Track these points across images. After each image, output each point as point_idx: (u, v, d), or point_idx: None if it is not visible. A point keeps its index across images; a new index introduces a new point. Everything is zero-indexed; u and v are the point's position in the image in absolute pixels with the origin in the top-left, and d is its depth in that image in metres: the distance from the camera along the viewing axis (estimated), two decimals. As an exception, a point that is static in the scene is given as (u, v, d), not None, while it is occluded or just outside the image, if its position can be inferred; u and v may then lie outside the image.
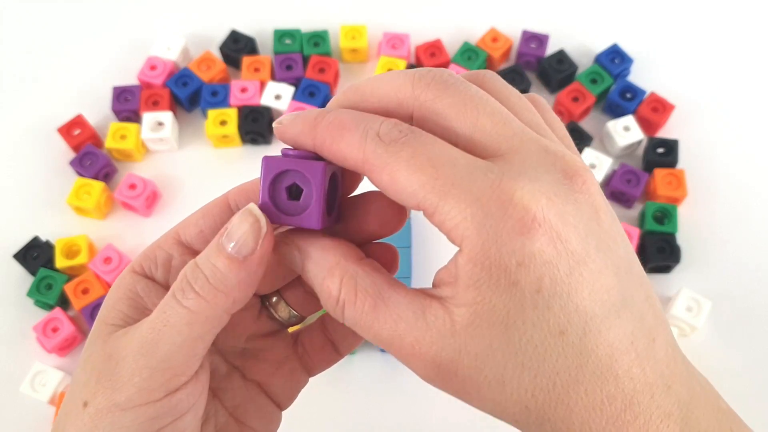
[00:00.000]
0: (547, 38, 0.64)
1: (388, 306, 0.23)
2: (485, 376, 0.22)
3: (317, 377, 0.52)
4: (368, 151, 0.22)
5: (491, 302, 0.22)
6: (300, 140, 0.24)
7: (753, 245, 0.56)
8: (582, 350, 0.22)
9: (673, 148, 0.58)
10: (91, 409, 0.23)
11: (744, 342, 0.53)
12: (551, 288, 0.21)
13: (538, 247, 0.21)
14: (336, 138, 0.23)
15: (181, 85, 0.62)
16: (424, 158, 0.22)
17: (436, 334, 0.22)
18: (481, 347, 0.22)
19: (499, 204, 0.21)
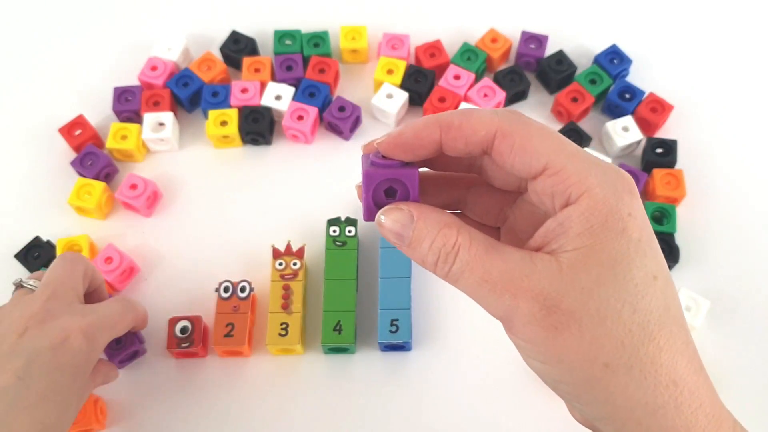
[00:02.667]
0: (546, 39, 0.64)
1: (499, 251, 0.26)
2: (588, 308, 0.25)
3: (317, 378, 0.53)
4: (504, 120, 0.27)
5: (603, 244, 0.25)
6: (423, 133, 0.28)
7: (751, 245, 0.57)
8: (667, 297, 0.26)
9: (671, 149, 0.59)
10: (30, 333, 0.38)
11: (742, 341, 0.53)
12: (648, 240, 0.26)
13: (637, 207, 0.26)
14: (465, 118, 0.27)
15: (181, 85, 0.62)
16: (550, 130, 0.27)
17: (544, 272, 0.25)
18: (588, 282, 0.25)
19: (614, 171, 0.27)
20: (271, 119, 0.61)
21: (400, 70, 0.62)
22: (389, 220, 0.28)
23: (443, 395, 0.51)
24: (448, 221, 0.27)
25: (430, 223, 0.27)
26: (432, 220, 0.27)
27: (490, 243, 0.27)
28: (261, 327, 0.54)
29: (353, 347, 0.52)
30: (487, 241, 0.27)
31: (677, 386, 0.25)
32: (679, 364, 0.25)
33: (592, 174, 0.26)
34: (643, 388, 0.25)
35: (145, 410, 0.51)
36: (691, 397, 0.25)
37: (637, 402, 0.25)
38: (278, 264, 0.54)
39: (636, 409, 0.25)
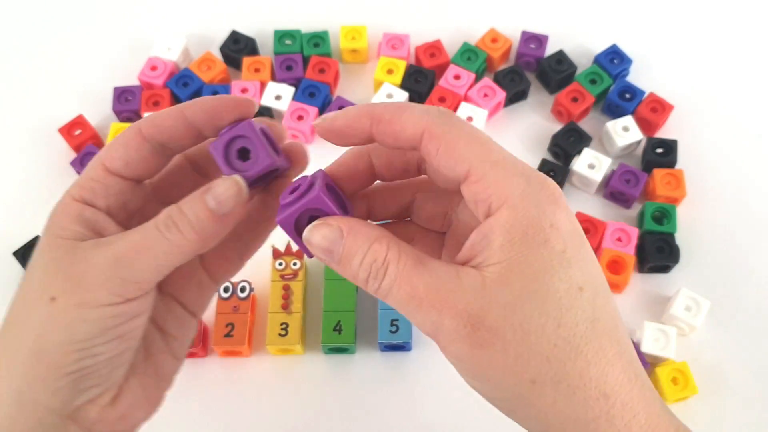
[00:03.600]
0: (546, 39, 0.64)
1: (427, 266, 0.26)
2: (511, 324, 0.24)
3: (317, 378, 0.53)
4: (432, 120, 0.26)
5: (524, 256, 0.25)
6: (355, 123, 0.28)
7: (752, 245, 0.57)
8: (595, 308, 0.25)
9: (672, 149, 0.59)
10: (60, 303, 0.27)
11: (743, 341, 0.53)
12: (573, 251, 0.25)
13: (563, 218, 0.26)
14: (396, 113, 0.27)
15: (181, 85, 0.62)
16: (479, 134, 0.27)
17: (468, 288, 0.25)
18: (511, 297, 0.25)
19: (538, 181, 0.26)
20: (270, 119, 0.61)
21: (400, 70, 0.62)
22: (318, 236, 0.27)
23: (443, 395, 0.51)
24: (378, 235, 0.26)
25: (360, 238, 0.26)
26: (362, 235, 0.27)
27: (419, 258, 0.26)
28: (261, 327, 0.54)
29: (353, 347, 0.52)
30: (417, 255, 0.26)
31: (608, 399, 0.24)
32: (609, 377, 0.25)
33: (514, 183, 0.25)
34: (572, 404, 0.24)
35: (144, 410, 0.51)
36: (624, 408, 0.25)
37: (567, 417, 0.25)
38: (278, 264, 0.54)
39: (567, 424, 0.25)
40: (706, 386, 0.50)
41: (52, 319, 0.27)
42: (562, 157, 0.60)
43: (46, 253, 0.28)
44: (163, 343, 0.32)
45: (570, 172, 0.58)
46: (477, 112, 0.60)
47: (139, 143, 0.29)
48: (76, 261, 0.27)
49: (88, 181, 0.30)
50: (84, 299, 0.27)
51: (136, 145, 0.29)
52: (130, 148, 0.29)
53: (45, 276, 0.28)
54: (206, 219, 0.28)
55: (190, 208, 0.28)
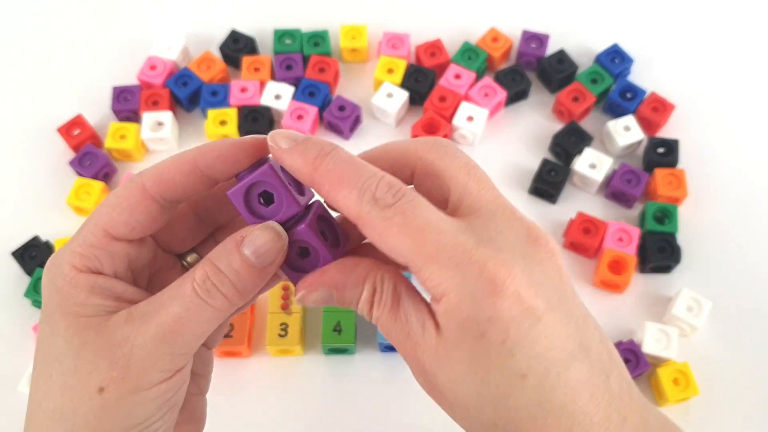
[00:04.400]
0: (547, 38, 0.64)
1: (403, 309, 0.26)
2: (456, 397, 0.26)
3: (317, 378, 0.52)
4: (363, 212, 0.25)
5: (462, 344, 0.25)
6: (296, 174, 0.27)
7: (754, 245, 0.56)
8: (542, 391, 0.24)
9: (673, 148, 0.58)
10: (112, 393, 0.25)
11: (744, 342, 0.53)
12: (515, 339, 0.24)
13: (505, 306, 0.24)
14: (334, 187, 0.26)
15: (180, 84, 0.62)
16: (413, 225, 0.25)
17: (427, 347, 0.26)
18: (453, 375, 0.25)
19: (475, 270, 0.24)
20: (270, 119, 0.61)
21: (401, 69, 0.62)
22: (311, 301, 0.28)
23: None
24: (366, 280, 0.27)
25: (348, 292, 0.27)
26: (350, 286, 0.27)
27: (398, 300, 0.26)
28: (260, 327, 0.54)
29: (353, 348, 0.52)
30: (395, 298, 0.26)
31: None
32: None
33: (448, 278, 0.24)
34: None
35: (143, 411, 0.51)
36: None
37: None
38: (278, 264, 0.54)
39: None
40: (708, 387, 0.50)
41: (105, 411, 0.26)
42: (563, 157, 0.60)
43: (72, 337, 0.26)
44: (193, 385, 0.31)
45: (571, 172, 0.58)
46: (477, 112, 0.59)
47: (147, 205, 0.28)
48: (115, 344, 0.26)
49: (90, 249, 0.27)
50: (137, 384, 0.26)
51: (143, 208, 0.28)
52: (137, 212, 0.28)
53: (82, 364, 0.26)
54: (248, 275, 0.26)
55: (228, 265, 0.26)
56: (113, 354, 0.26)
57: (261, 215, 0.27)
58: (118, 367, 0.25)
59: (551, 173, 0.58)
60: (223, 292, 0.26)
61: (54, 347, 0.26)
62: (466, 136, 0.60)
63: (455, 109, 0.60)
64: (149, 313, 0.26)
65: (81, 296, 0.26)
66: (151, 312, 0.26)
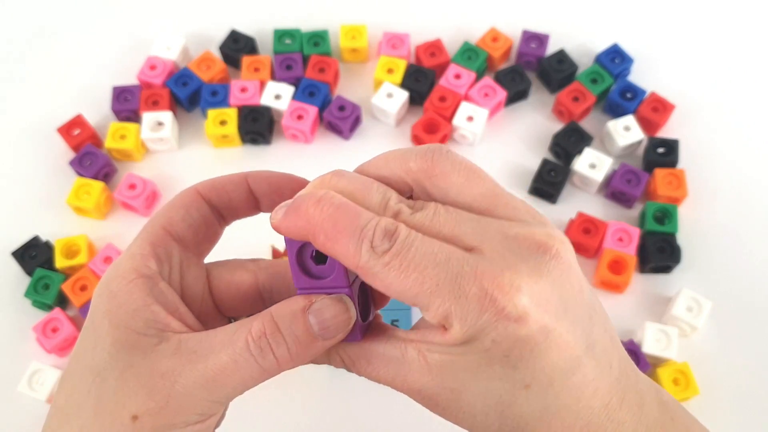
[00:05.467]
0: (547, 38, 0.64)
1: (377, 358, 0.27)
2: (460, 407, 0.26)
3: (317, 378, 0.52)
4: (362, 262, 0.25)
5: (465, 357, 0.25)
6: (298, 234, 0.26)
7: (754, 245, 0.56)
8: (545, 398, 0.25)
9: (673, 148, 0.58)
10: (145, 424, 0.25)
11: (744, 342, 0.53)
12: (519, 355, 0.25)
13: (511, 329, 0.24)
14: (330, 238, 0.25)
15: (180, 84, 0.62)
16: (411, 266, 0.24)
17: (417, 372, 0.26)
18: (456, 384, 0.26)
19: (478, 298, 0.24)
20: (270, 119, 0.61)
21: (401, 69, 0.62)
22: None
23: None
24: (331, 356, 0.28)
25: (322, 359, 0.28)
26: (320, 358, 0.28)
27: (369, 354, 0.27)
28: (260, 327, 0.53)
29: (353, 348, 0.52)
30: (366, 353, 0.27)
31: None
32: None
33: (452, 311, 0.25)
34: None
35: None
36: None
37: None
38: (278, 264, 0.54)
39: None
40: (708, 387, 0.50)
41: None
42: (563, 157, 0.60)
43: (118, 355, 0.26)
44: None
45: (571, 172, 0.58)
46: (477, 112, 0.59)
47: (200, 204, 0.29)
48: (158, 374, 0.25)
49: (151, 248, 0.28)
50: (171, 422, 0.25)
51: (197, 205, 0.29)
52: (192, 208, 0.29)
53: (123, 386, 0.26)
54: (307, 344, 0.26)
55: (289, 328, 0.26)
56: (155, 384, 0.25)
57: (315, 275, 0.27)
58: (157, 399, 0.25)
59: (551, 173, 0.58)
60: (276, 355, 0.26)
61: (97, 361, 0.26)
62: (466, 136, 0.60)
63: (455, 109, 0.60)
64: (198, 353, 0.26)
65: (135, 303, 0.26)
66: (201, 352, 0.26)
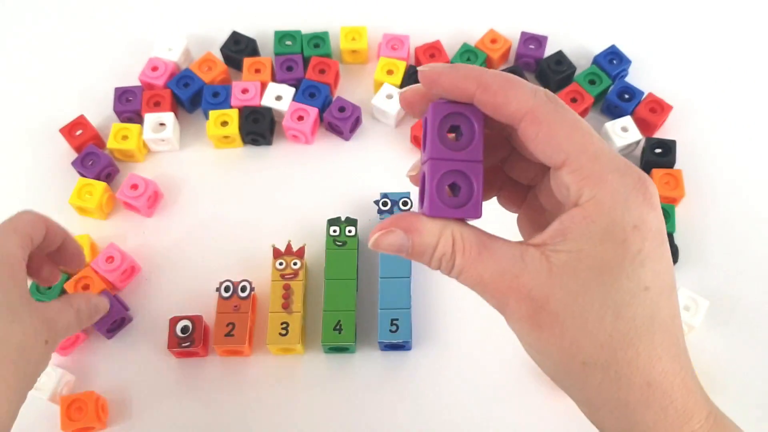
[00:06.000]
0: (545, 39, 0.64)
1: (490, 250, 0.27)
2: (572, 311, 0.26)
3: (317, 378, 0.53)
4: (538, 103, 0.26)
5: (597, 251, 0.26)
6: (462, 84, 0.27)
7: (750, 245, 0.57)
8: (656, 306, 0.26)
9: (670, 149, 0.59)
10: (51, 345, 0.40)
11: (741, 341, 0.53)
12: (649, 252, 0.26)
13: (651, 217, 0.26)
14: (504, 86, 0.27)
15: (182, 86, 0.63)
16: (581, 124, 0.27)
17: (534, 272, 0.26)
18: (576, 285, 0.26)
19: (633, 180, 0.26)
20: (271, 119, 0.62)
21: (400, 70, 0.62)
22: (385, 244, 0.28)
23: (443, 395, 0.52)
24: (441, 229, 0.28)
25: (425, 236, 0.28)
26: (426, 232, 0.28)
27: (484, 243, 0.27)
28: (261, 327, 0.54)
29: (353, 347, 0.53)
30: (481, 242, 0.27)
31: (650, 387, 0.26)
32: (656, 368, 0.26)
33: (609, 180, 0.26)
34: (616, 386, 0.26)
35: (145, 410, 0.51)
36: (663, 396, 0.26)
37: (610, 398, 0.27)
38: (278, 264, 0.54)
39: (609, 401, 0.27)
40: (705, 386, 0.50)
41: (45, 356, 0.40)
42: (561, 158, 0.60)
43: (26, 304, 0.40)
44: None
45: (569, 173, 0.58)
46: (476, 113, 0.60)
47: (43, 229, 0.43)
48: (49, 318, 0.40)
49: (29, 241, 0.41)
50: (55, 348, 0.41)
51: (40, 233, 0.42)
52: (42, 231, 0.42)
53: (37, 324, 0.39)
54: None
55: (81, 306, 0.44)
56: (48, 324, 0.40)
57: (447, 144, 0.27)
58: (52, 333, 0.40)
59: (550, 174, 0.58)
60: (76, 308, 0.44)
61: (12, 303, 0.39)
62: (465, 136, 0.60)
63: (454, 110, 0.61)
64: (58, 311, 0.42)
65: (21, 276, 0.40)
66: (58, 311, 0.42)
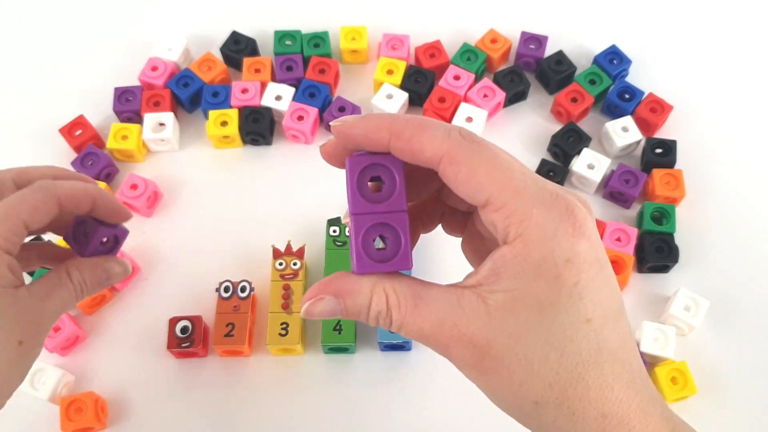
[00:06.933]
0: (546, 39, 0.64)
1: (426, 301, 0.27)
2: (516, 353, 0.26)
3: (317, 378, 0.53)
4: (453, 145, 0.26)
5: (532, 288, 0.25)
6: (374, 135, 0.27)
7: (751, 245, 0.57)
8: (600, 337, 0.26)
9: (671, 149, 0.59)
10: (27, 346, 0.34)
11: (742, 341, 0.53)
12: (586, 283, 0.25)
13: (583, 248, 0.25)
14: (417, 131, 0.26)
15: (182, 85, 0.62)
16: (500, 160, 0.26)
17: (472, 317, 0.26)
18: (516, 326, 0.25)
19: (560, 212, 0.25)
20: (271, 119, 0.61)
21: (400, 70, 0.62)
22: (317, 312, 0.28)
23: (443, 395, 0.52)
24: (375, 287, 0.27)
25: (357, 297, 0.27)
26: (357, 293, 0.27)
27: (419, 295, 0.27)
28: (261, 327, 0.54)
29: (353, 347, 0.52)
30: (416, 293, 0.27)
31: (606, 418, 0.26)
32: (609, 399, 0.26)
33: (534, 215, 0.25)
34: (572, 422, 0.26)
35: (145, 410, 0.51)
36: (620, 424, 0.26)
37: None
38: (278, 264, 0.54)
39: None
40: (705, 386, 0.51)
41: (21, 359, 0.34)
42: (561, 158, 0.60)
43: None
44: None
45: (569, 173, 0.58)
46: (476, 113, 0.60)
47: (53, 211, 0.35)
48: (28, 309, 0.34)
49: (12, 236, 0.34)
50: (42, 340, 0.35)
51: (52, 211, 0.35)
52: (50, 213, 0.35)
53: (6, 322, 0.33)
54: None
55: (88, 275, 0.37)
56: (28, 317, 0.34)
57: (367, 197, 0.27)
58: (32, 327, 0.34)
59: (550, 174, 0.58)
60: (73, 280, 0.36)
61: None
62: (465, 136, 0.60)
63: (454, 110, 0.61)
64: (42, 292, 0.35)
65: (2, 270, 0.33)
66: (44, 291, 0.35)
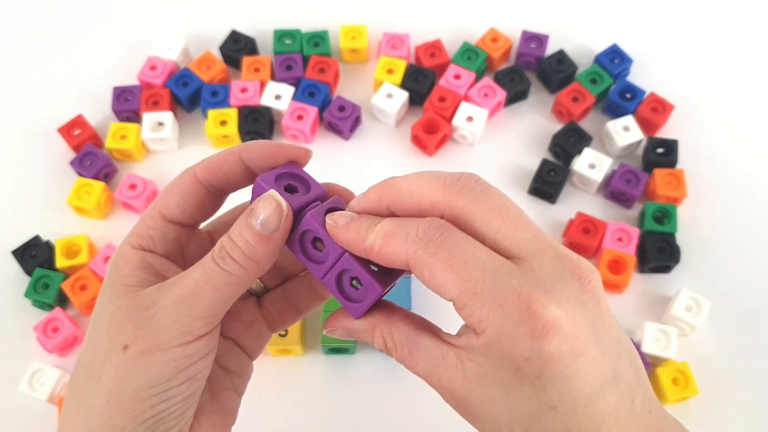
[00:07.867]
0: (546, 38, 0.64)
1: (418, 349, 0.29)
2: (487, 418, 0.27)
3: (317, 378, 0.53)
4: (411, 251, 0.27)
5: (498, 373, 0.26)
6: (352, 245, 0.29)
7: (753, 245, 0.57)
8: (570, 419, 0.26)
9: (672, 148, 0.59)
10: (133, 351, 0.28)
11: (743, 341, 0.53)
12: (550, 377, 0.26)
13: (546, 348, 0.25)
14: (384, 244, 0.28)
15: (181, 85, 0.62)
16: (458, 260, 0.26)
17: (453, 375, 0.27)
18: (487, 397, 0.27)
19: (518, 311, 0.26)
20: (270, 119, 0.61)
21: (401, 69, 0.62)
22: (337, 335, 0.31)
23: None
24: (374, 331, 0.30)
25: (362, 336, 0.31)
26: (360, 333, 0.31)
27: (412, 342, 0.29)
28: (261, 327, 0.54)
29: (353, 347, 0.52)
30: (410, 341, 0.29)
31: None
32: None
33: (491, 320, 0.26)
34: None
35: (144, 411, 0.51)
36: None
37: None
38: (278, 264, 0.54)
39: None
40: (707, 386, 0.50)
41: (126, 368, 0.28)
42: (562, 157, 0.60)
43: (112, 302, 0.29)
44: (227, 380, 0.33)
45: (570, 172, 0.58)
46: (477, 112, 0.60)
47: (196, 188, 0.31)
48: (142, 307, 0.28)
49: (146, 230, 0.31)
50: (156, 343, 0.28)
51: (193, 190, 0.31)
52: (187, 194, 0.31)
53: (114, 325, 0.28)
54: (256, 243, 0.29)
55: (239, 235, 0.29)
56: (140, 316, 0.28)
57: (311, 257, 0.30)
58: (142, 327, 0.28)
59: (551, 173, 0.58)
60: (234, 258, 0.29)
61: (96, 313, 0.30)
62: (465, 136, 0.60)
63: (455, 110, 0.60)
64: (176, 281, 0.29)
65: (128, 268, 0.30)
66: (177, 281, 0.29)
